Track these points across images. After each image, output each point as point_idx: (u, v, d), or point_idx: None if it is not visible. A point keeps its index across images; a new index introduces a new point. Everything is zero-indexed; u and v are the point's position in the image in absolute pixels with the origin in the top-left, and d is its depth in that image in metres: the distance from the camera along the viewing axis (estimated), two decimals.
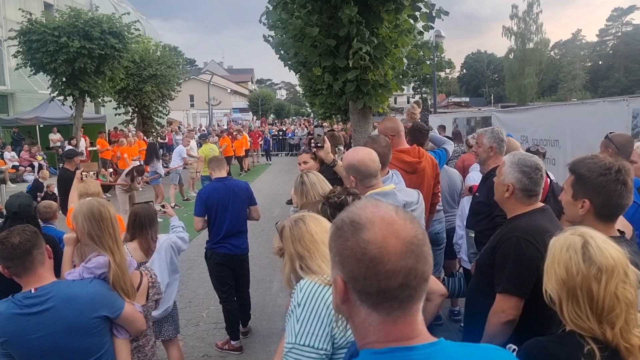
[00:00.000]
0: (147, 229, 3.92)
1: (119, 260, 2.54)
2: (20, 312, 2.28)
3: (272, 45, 6.71)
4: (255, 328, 5.70)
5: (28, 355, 2.33)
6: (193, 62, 75.50)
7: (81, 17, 15.96)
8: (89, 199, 2.76)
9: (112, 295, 2.47)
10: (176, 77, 22.78)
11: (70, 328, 2.31)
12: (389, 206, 1.07)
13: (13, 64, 20.15)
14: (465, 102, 51.88)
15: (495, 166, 3.82)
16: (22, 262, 2.30)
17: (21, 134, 20.90)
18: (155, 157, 13.15)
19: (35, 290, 2.31)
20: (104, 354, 2.44)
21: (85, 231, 2.54)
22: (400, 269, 0.98)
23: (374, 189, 2.97)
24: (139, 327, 2.61)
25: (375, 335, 1.05)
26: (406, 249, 0.99)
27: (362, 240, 1.01)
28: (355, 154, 3.02)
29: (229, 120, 44.47)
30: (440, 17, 5.48)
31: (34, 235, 2.37)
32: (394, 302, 1.01)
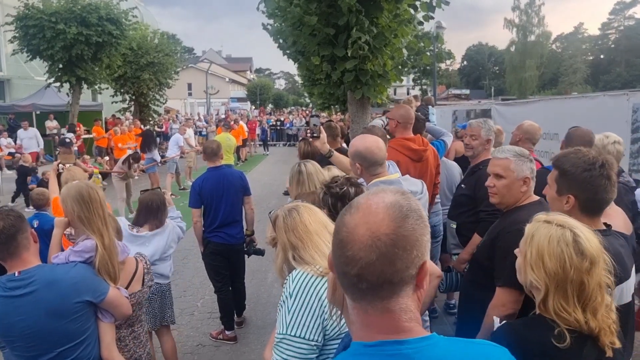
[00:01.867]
0: (161, 214, 4.08)
1: (108, 242, 2.52)
2: (3, 294, 2.28)
3: (270, 33, 6.65)
4: (249, 318, 5.69)
5: (11, 337, 2.34)
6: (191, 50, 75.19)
7: (78, 2, 15.82)
8: (76, 182, 2.73)
9: (96, 280, 2.44)
10: (174, 65, 22.67)
11: (52, 312, 2.30)
12: (388, 196, 1.03)
13: (9, 50, 20.00)
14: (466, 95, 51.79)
15: (484, 159, 3.79)
16: (7, 247, 2.30)
17: (17, 121, 20.77)
18: (152, 145, 13.08)
19: (18, 274, 2.31)
20: (87, 337, 2.43)
21: (74, 214, 2.52)
22: (359, 260, 0.97)
23: (379, 177, 2.93)
24: (124, 312, 2.59)
25: (356, 320, 1.05)
26: (371, 242, 0.97)
27: (342, 221, 1.03)
28: (362, 142, 2.99)
29: (227, 110, 44.31)
30: (441, 7, 5.42)
31: (19, 219, 2.35)
32: (355, 290, 1.01)
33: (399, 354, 0.99)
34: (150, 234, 3.99)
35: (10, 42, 16.80)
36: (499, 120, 9.58)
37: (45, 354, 2.34)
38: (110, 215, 2.76)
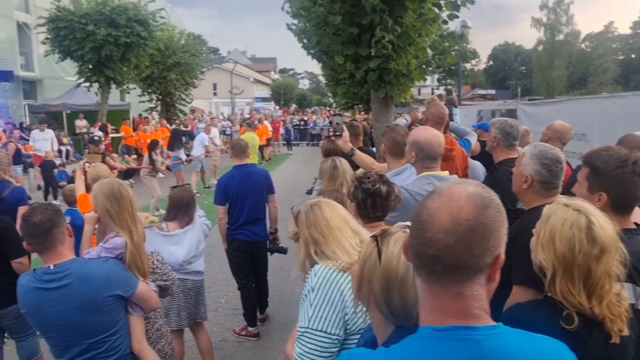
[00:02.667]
0: (191, 210, 4.15)
1: (137, 239, 2.59)
2: (39, 286, 2.36)
3: (294, 33, 6.70)
4: (272, 315, 5.75)
5: (46, 328, 2.44)
6: (216, 50, 75.90)
7: (108, 4, 16.17)
8: (107, 179, 2.81)
9: (126, 275, 2.52)
10: (200, 65, 22.94)
11: (84, 305, 2.37)
12: (471, 187, 1.06)
13: (41, 51, 20.54)
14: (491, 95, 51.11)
15: (501, 159, 3.74)
16: (43, 240, 2.37)
17: (48, 120, 21.30)
18: (178, 143, 13.29)
19: (54, 267, 2.38)
20: (118, 330, 2.50)
21: (105, 209, 2.59)
22: (437, 241, 1.01)
23: (430, 171, 2.96)
24: (152, 305, 2.67)
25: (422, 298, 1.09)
26: (450, 226, 1.00)
27: (424, 204, 1.07)
28: (423, 132, 3.01)
29: (251, 110, 44.64)
30: (466, 5, 5.39)
31: (55, 214, 2.43)
32: (428, 272, 1.04)
33: (470, 339, 1.01)
34: (182, 232, 4.06)
35: (42, 43, 17.27)
36: (525, 121, 9.45)
37: (77, 345, 2.42)
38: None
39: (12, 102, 24.21)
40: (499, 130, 3.82)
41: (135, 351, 2.58)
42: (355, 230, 2.16)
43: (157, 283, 2.95)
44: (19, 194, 5.12)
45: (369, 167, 4.29)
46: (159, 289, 2.99)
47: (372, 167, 4.30)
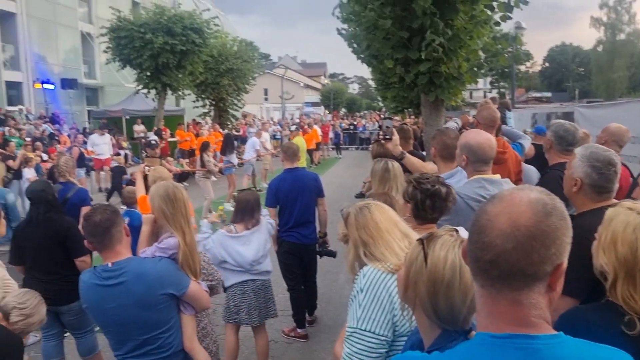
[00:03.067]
0: (257, 212, 4.31)
1: (189, 240, 2.68)
2: (98, 283, 2.49)
3: (344, 38, 6.74)
4: (321, 318, 5.79)
5: (104, 323, 2.57)
6: (267, 56, 76.96)
7: (165, 14, 16.81)
8: (164, 182, 2.94)
9: (179, 275, 2.60)
10: (251, 71, 23.39)
11: (139, 302, 2.47)
12: (533, 193, 1.05)
13: (103, 59, 21.55)
14: (547, 97, 49.34)
15: (555, 163, 3.63)
16: (102, 239, 2.49)
17: (109, 125, 22.30)
18: (230, 147, 13.62)
19: (112, 265, 2.50)
20: (171, 327, 2.59)
21: (160, 210, 2.70)
22: (495, 247, 1.00)
23: (482, 175, 2.93)
24: (204, 305, 2.75)
25: (483, 310, 1.07)
26: (510, 231, 0.99)
27: (484, 209, 1.06)
28: (475, 135, 2.99)
29: (301, 114, 45.07)
30: (519, 6, 5.27)
31: (114, 214, 2.56)
32: (484, 277, 1.04)
33: (529, 348, 0.99)
34: (249, 233, 4.21)
35: (104, 52, 18.12)
36: (583, 124, 9.09)
37: (133, 340, 2.53)
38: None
39: (76, 108, 25.54)
40: (553, 134, 3.72)
41: (186, 349, 2.66)
42: (405, 233, 2.17)
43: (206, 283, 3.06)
44: (83, 195, 5.43)
45: (419, 170, 4.27)
46: None
47: (422, 171, 4.28)
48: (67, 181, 5.45)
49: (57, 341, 4.16)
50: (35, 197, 4.01)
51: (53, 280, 3.88)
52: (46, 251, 3.92)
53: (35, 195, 4.00)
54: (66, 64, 26.99)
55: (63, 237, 3.93)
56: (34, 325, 2.82)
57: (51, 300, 3.88)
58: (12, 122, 17.14)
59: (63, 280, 3.84)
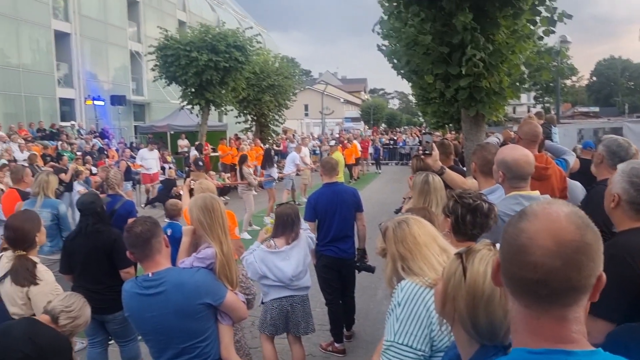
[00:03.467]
0: (296, 226, 4.33)
1: (226, 250, 2.74)
2: (139, 292, 2.57)
3: (384, 54, 6.78)
4: (358, 333, 5.76)
5: (145, 331, 2.65)
6: (308, 72, 77.88)
7: (209, 32, 17.31)
8: (202, 194, 3.04)
9: (216, 285, 2.66)
10: (292, 87, 23.71)
11: (178, 311, 2.54)
12: (564, 207, 1.05)
13: (150, 77, 22.35)
14: (594, 112, 47.64)
15: (603, 178, 3.53)
16: (143, 249, 2.58)
17: (155, 140, 23.02)
18: (270, 162, 13.83)
19: (152, 275, 2.58)
20: (208, 337, 2.65)
21: (198, 221, 2.78)
22: (543, 265, 0.98)
23: (519, 191, 2.90)
24: (240, 315, 2.79)
25: (520, 325, 1.06)
26: (556, 248, 0.98)
27: (519, 228, 1.04)
28: (512, 151, 2.95)
29: (341, 129, 45.23)
30: (563, 20, 5.18)
31: (154, 225, 2.65)
32: (533, 297, 1.02)
33: None
34: (288, 248, 4.24)
35: (152, 70, 18.79)
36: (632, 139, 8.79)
37: (172, 348, 2.60)
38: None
39: (123, 123, 26.53)
40: (605, 148, 3.63)
41: (223, 358, 2.71)
42: (443, 248, 2.16)
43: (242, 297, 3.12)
44: (130, 207, 5.63)
45: (459, 185, 4.23)
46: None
47: (462, 186, 4.24)
48: (116, 193, 5.68)
49: (102, 348, 4.31)
50: (84, 209, 4.19)
51: (99, 290, 4.02)
52: (93, 261, 4.08)
53: (85, 207, 4.19)
54: (115, 81, 28.11)
55: (109, 248, 4.07)
56: (80, 326, 2.93)
57: (97, 309, 4.01)
58: (64, 136, 17.95)
59: (109, 290, 3.96)
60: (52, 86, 23.81)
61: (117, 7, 28.18)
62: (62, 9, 24.82)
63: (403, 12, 5.53)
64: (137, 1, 30.00)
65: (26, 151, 14.06)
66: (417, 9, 5.18)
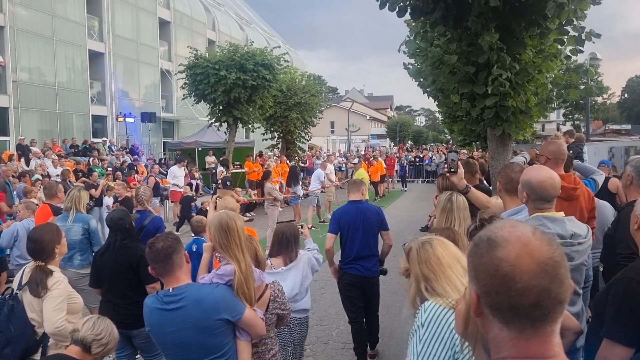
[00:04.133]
0: (292, 246, 4.21)
1: (244, 268, 2.76)
2: (160, 307, 2.62)
3: (410, 74, 6.82)
4: (382, 352, 5.71)
5: (165, 345, 2.69)
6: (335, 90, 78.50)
7: (238, 51, 17.64)
8: (220, 212, 3.06)
9: (234, 301, 2.68)
10: (319, 105, 23.90)
11: (197, 326, 2.58)
12: (527, 227, 1.09)
13: (180, 94, 22.84)
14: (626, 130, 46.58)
15: (632, 200, 3.47)
16: (164, 265, 2.63)
17: (183, 156, 23.46)
18: (295, 179, 13.92)
19: (172, 290, 2.63)
20: (227, 352, 2.67)
21: (215, 240, 2.82)
22: (533, 288, 1.00)
23: (543, 213, 2.88)
24: (258, 332, 2.79)
25: (508, 350, 1.07)
26: (540, 269, 1.01)
27: (496, 257, 1.05)
28: (537, 172, 2.93)
29: (367, 147, 45.24)
30: (591, 39, 5.14)
31: (175, 241, 2.70)
32: (525, 320, 1.03)
33: None
34: (285, 269, 4.12)
35: (181, 88, 19.22)
36: None
37: None
38: (250, 242, 3.05)
39: (153, 140, 27.07)
40: (634, 169, 3.58)
41: None
42: (466, 269, 2.16)
43: (276, 312, 3.11)
44: (158, 223, 5.76)
45: (484, 205, 4.21)
46: (277, 317, 3.16)
47: (487, 205, 4.22)
48: (145, 209, 5.82)
49: None
50: (114, 225, 4.29)
51: (126, 305, 4.11)
52: (121, 276, 4.17)
53: (114, 223, 4.29)
54: (146, 99, 28.81)
55: (136, 264, 4.15)
56: (112, 349, 3.00)
57: (124, 323, 4.09)
58: (95, 152, 18.43)
59: (135, 305, 3.98)
60: (85, 104, 24.54)
61: (149, 27, 29.00)
62: (96, 29, 25.66)
63: (429, 31, 5.57)
64: (168, 21, 30.81)
65: (59, 167, 14.49)
66: (442, 29, 5.21)
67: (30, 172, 12.79)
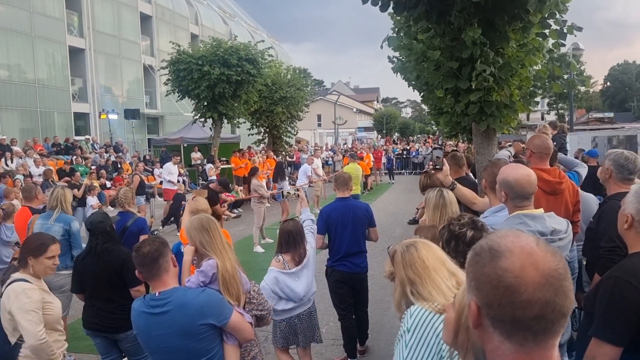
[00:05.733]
0: (300, 243, 4.31)
1: (229, 265, 2.83)
2: (146, 310, 2.62)
3: (394, 70, 6.78)
4: (372, 347, 5.73)
5: (151, 349, 2.69)
6: (321, 83, 78.20)
7: (221, 46, 17.48)
8: (197, 216, 3.11)
9: (221, 305, 2.68)
10: (304, 99, 23.81)
11: (181, 331, 2.57)
12: (530, 237, 1.07)
13: (164, 90, 22.63)
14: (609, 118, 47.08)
15: (613, 193, 3.49)
16: (150, 269, 2.63)
17: (168, 153, 23.23)
18: (281, 175, 13.85)
19: (158, 294, 2.62)
20: (213, 356, 2.67)
21: (199, 242, 2.87)
22: (537, 300, 0.98)
23: (522, 210, 2.88)
24: (246, 336, 2.80)
25: None
26: (545, 281, 0.98)
27: (500, 267, 1.02)
28: (513, 171, 2.93)
29: (354, 140, 45.26)
30: (573, 33, 5.15)
31: (162, 245, 2.70)
32: (527, 333, 1.01)
33: None
34: (299, 268, 4.27)
35: (164, 84, 19.02)
36: None
37: None
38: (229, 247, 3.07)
39: (137, 137, 26.82)
40: (613, 162, 3.60)
41: None
42: (452, 272, 2.14)
43: (253, 313, 3.10)
44: (141, 224, 5.69)
45: (470, 201, 4.22)
46: (255, 318, 3.14)
47: (473, 202, 4.23)
48: (127, 211, 5.73)
49: None
50: (94, 229, 4.20)
51: (111, 309, 4.05)
52: (104, 281, 4.10)
53: (94, 227, 4.20)
54: (129, 95, 28.52)
55: (119, 267, 4.09)
56: None
57: (109, 327, 4.07)
58: (78, 151, 18.20)
59: (120, 308, 3.97)
60: (67, 101, 24.21)
61: (130, 22, 28.65)
62: (76, 25, 25.29)
63: (413, 26, 5.54)
64: (150, 15, 30.46)
65: (42, 166, 14.28)
66: (425, 25, 5.18)
67: (11, 173, 12.59)
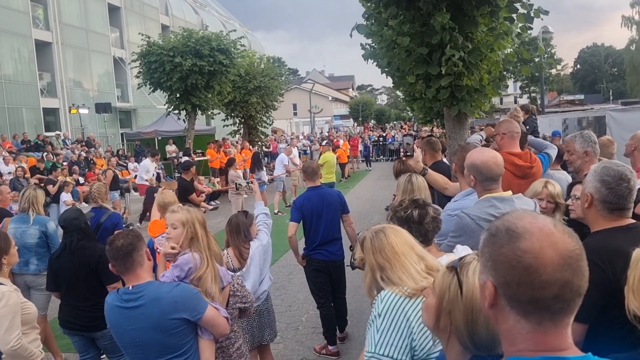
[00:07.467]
0: (241, 233, 4.09)
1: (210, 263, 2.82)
2: (120, 305, 2.60)
3: (364, 57, 6.77)
4: (352, 334, 5.78)
5: (124, 343, 2.67)
6: (295, 71, 77.86)
7: (193, 36, 17.23)
8: (196, 209, 3.03)
9: (194, 300, 2.64)
10: (279, 88, 23.67)
11: (154, 325, 2.55)
12: (547, 218, 1.09)
13: (135, 83, 22.23)
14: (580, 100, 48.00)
15: (586, 173, 3.58)
16: (124, 262, 2.60)
17: (143, 147, 22.88)
18: (258, 165, 13.80)
19: (132, 288, 2.60)
20: (187, 351, 2.64)
21: (198, 235, 2.85)
22: (556, 281, 1.00)
23: (492, 193, 2.92)
24: (221, 331, 2.77)
25: (524, 343, 1.06)
26: (563, 261, 1.00)
27: (518, 248, 1.03)
28: (480, 155, 2.97)
29: (330, 128, 45.23)
30: (539, 16, 5.22)
31: (135, 239, 2.66)
32: (545, 313, 1.02)
33: None
34: (244, 270, 4.06)
35: (136, 77, 18.69)
36: (614, 129, 8.90)
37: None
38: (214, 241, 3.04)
39: (110, 131, 26.34)
40: (587, 143, 3.79)
41: None
42: (421, 256, 2.18)
43: (237, 305, 3.09)
44: (116, 220, 5.61)
45: (442, 186, 4.27)
46: (239, 310, 3.14)
47: (444, 187, 4.28)
48: (101, 207, 5.65)
49: None
50: (68, 226, 4.12)
51: (87, 307, 4.00)
52: (80, 278, 4.04)
53: (69, 224, 4.13)
54: (100, 89, 27.93)
55: (95, 264, 4.04)
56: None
57: (85, 326, 4.02)
58: (49, 147, 17.80)
59: (96, 306, 3.87)
60: (35, 96, 23.60)
61: (98, 13, 27.97)
62: (42, 18, 24.60)
63: (383, 12, 5.53)
64: (118, 6, 29.78)
65: (11, 164, 13.94)
66: (395, 10, 5.18)
67: None
